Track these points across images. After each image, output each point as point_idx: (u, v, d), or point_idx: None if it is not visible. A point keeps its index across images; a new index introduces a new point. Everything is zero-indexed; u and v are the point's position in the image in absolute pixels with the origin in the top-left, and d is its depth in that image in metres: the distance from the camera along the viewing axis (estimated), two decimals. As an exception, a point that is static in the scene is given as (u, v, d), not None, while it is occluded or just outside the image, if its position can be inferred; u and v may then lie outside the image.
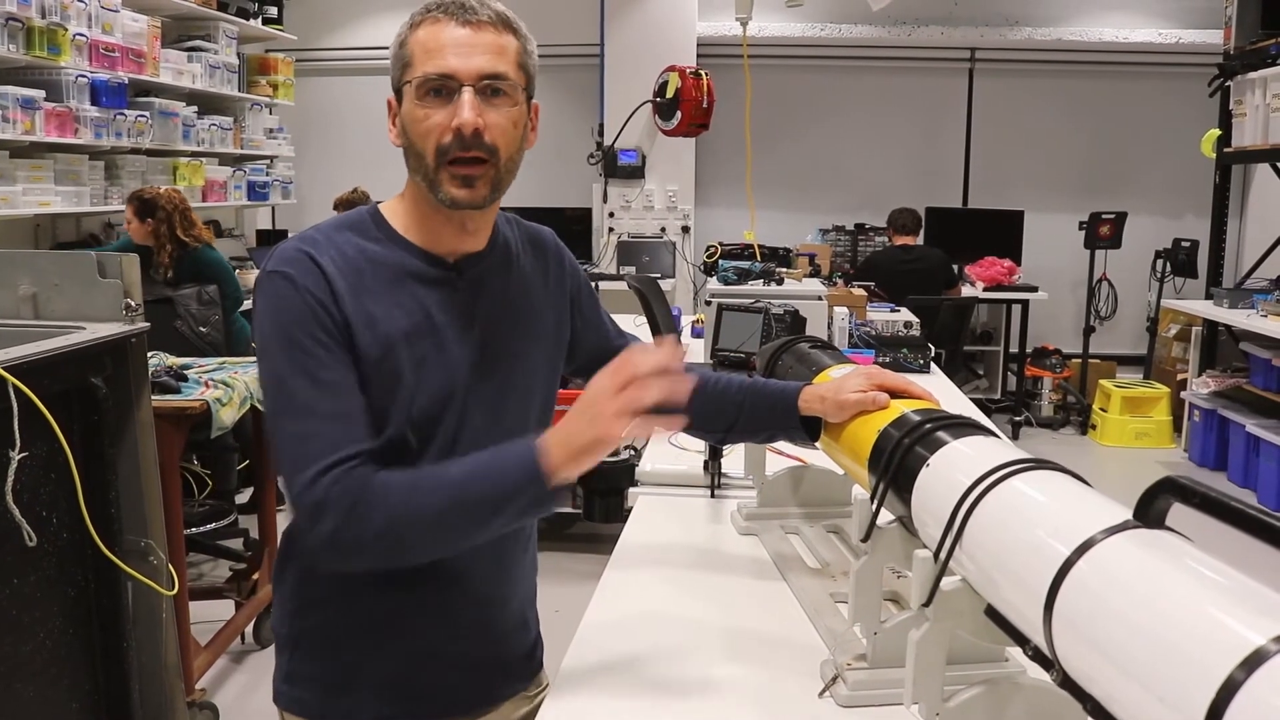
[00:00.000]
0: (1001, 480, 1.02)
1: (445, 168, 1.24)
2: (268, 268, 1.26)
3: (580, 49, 7.18)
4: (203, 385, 2.96)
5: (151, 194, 4.51)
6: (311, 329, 1.21)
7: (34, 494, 2.14)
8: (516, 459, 1.17)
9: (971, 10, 7.44)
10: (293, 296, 1.22)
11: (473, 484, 1.18)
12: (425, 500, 1.17)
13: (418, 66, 1.24)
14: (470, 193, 1.25)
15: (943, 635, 1.05)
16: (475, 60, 1.23)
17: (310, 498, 1.16)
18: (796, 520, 1.81)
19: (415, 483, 1.19)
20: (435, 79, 1.23)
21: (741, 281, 3.92)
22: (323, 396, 1.20)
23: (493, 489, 1.17)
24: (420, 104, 1.24)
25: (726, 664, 1.34)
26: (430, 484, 1.19)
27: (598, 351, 1.56)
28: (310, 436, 1.19)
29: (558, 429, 1.18)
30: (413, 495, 1.17)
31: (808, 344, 1.76)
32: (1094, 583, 0.83)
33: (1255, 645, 0.66)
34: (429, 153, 1.24)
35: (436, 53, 1.23)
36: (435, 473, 1.21)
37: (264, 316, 1.24)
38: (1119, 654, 0.77)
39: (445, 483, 1.18)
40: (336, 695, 1.38)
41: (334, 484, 1.16)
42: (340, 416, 1.20)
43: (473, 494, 1.17)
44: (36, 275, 2.40)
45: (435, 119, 1.23)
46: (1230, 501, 0.76)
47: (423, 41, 1.24)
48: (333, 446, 1.18)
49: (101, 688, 2.40)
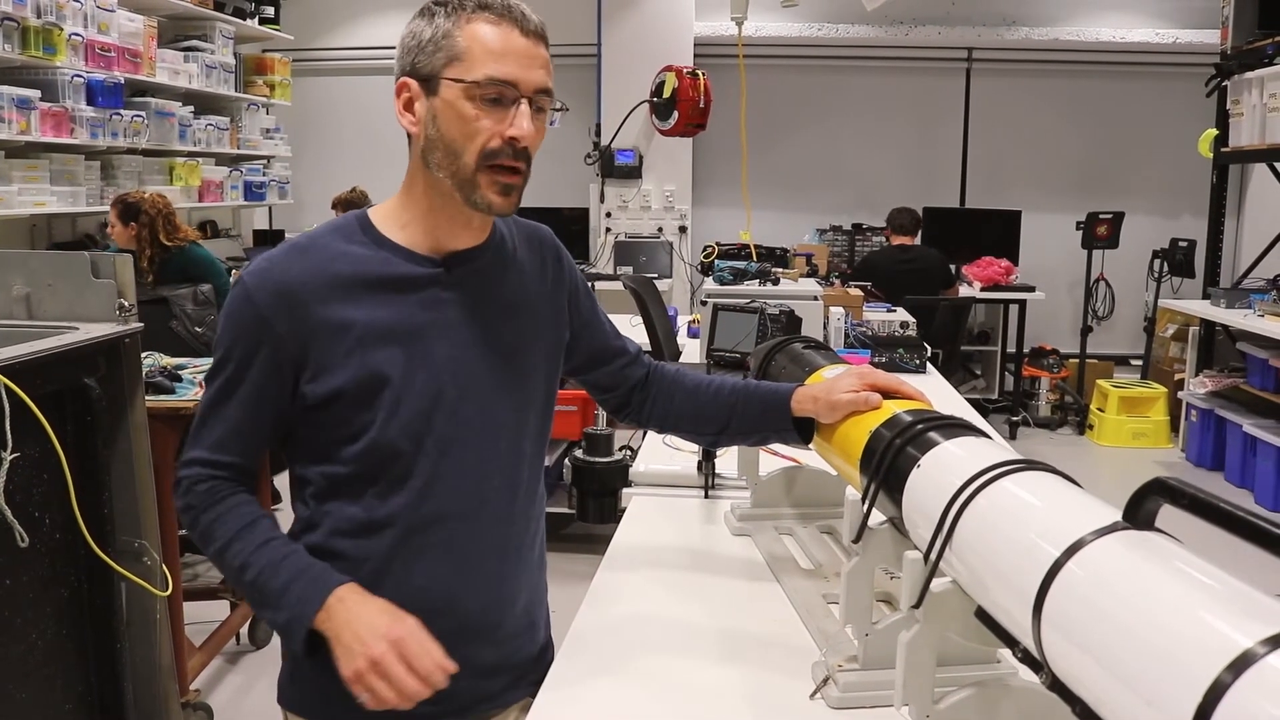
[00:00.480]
0: (992, 481, 1.02)
1: (486, 171, 1.26)
2: (241, 271, 1.33)
3: (577, 48, 7.17)
4: (197, 385, 2.95)
5: (135, 198, 4.52)
6: (245, 340, 1.28)
7: (27, 494, 2.13)
8: (302, 593, 1.24)
9: (969, 10, 7.44)
10: (243, 306, 1.29)
11: (259, 579, 1.26)
12: (228, 553, 1.29)
13: (477, 66, 1.23)
14: (506, 201, 1.29)
15: (933, 637, 1.05)
16: (536, 73, 1.26)
17: (180, 473, 1.33)
18: (790, 521, 1.80)
19: (235, 535, 1.29)
20: (500, 84, 1.23)
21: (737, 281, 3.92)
22: (226, 402, 1.31)
23: (267, 596, 1.26)
24: (473, 104, 1.24)
25: (718, 665, 1.34)
26: (242, 546, 1.29)
27: (596, 351, 1.56)
28: (205, 428, 1.32)
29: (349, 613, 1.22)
30: (226, 546, 1.29)
31: (801, 344, 1.75)
32: (1083, 584, 0.83)
33: (1243, 648, 0.66)
34: (471, 153, 1.25)
35: (503, 58, 1.23)
36: (258, 540, 1.29)
37: (221, 314, 1.34)
38: (1107, 656, 0.77)
39: (249, 557, 1.28)
40: (340, 695, 1.38)
41: (194, 481, 1.31)
42: (231, 423, 1.31)
43: (254, 584, 1.27)
44: (30, 275, 2.39)
45: (486, 122, 1.24)
46: (1219, 503, 0.76)
47: (484, 41, 1.24)
48: (213, 447, 1.31)
49: (95, 689, 2.39)
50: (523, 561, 1.44)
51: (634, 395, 1.59)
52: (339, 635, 1.20)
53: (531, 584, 1.47)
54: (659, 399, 1.58)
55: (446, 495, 1.33)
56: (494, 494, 1.37)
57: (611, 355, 1.57)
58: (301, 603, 1.22)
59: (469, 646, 1.38)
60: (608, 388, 1.59)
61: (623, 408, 1.60)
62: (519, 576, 1.43)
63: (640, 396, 1.59)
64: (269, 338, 1.27)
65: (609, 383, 1.59)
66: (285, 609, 1.24)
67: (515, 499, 1.41)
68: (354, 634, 1.19)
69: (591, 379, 1.58)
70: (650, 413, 1.59)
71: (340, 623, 1.20)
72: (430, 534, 1.32)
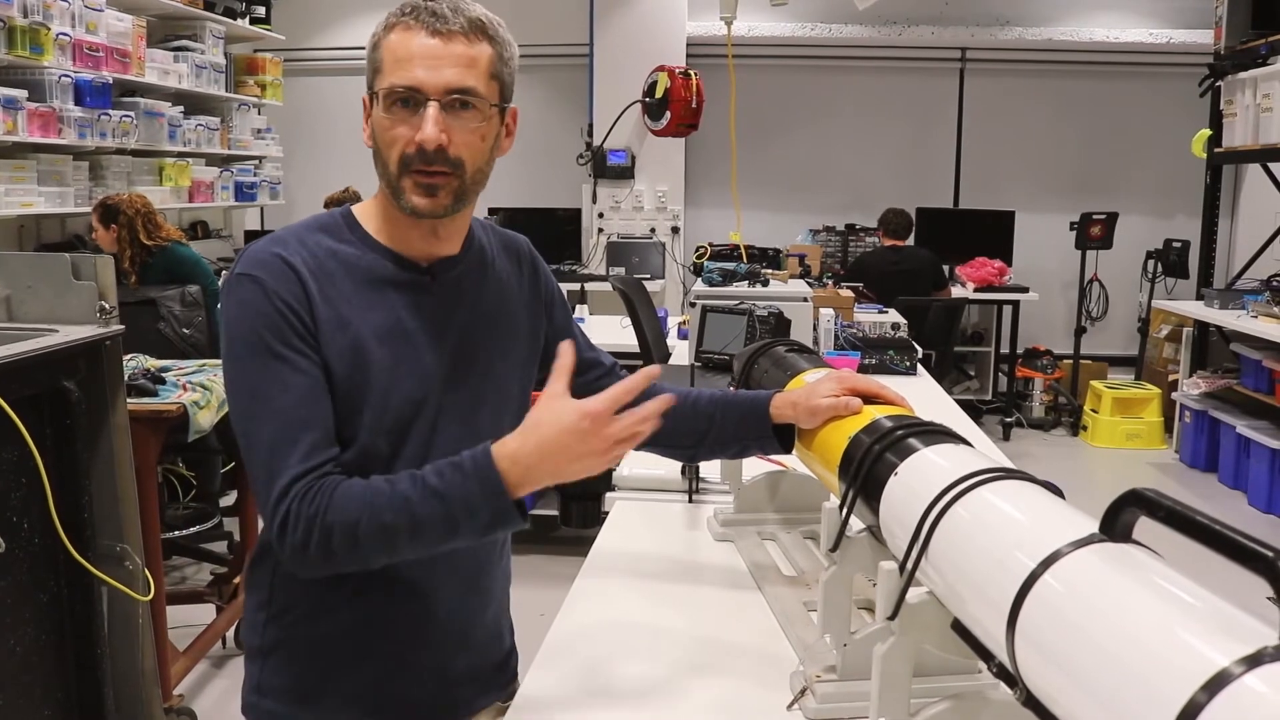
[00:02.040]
0: (969, 490, 1.00)
1: (408, 175, 1.23)
2: (236, 270, 1.25)
3: (569, 49, 7.15)
4: (180, 388, 2.93)
5: (114, 200, 4.50)
6: (283, 334, 1.21)
7: (5, 499, 2.12)
8: (478, 478, 1.14)
9: (962, 10, 7.43)
10: (262, 301, 1.21)
11: (429, 504, 1.15)
12: (385, 519, 1.15)
13: (386, 75, 1.23)
14: (432, 201, 1.24)
15: (908, 649, 1.03)
16: (443, 74, 1.21)
17: (282, 509, 1.16)
18: (773, 526, 1.78)
19: (372, 498, 1.16)
20: (401, 90, 1.21)
21: (726, 283, 3.90)
22: (294, 404, 1.19)
23: (453, 508, 1.15)
24: (387, 113, 1.23)
25: (695, 674, 1.32)
26: (386, 500, 1.16)
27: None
28: (281, 444, 1.18)
29: (537, 444, 1.15)
30: (372, 513, 1.15)
31: (784, 347, 1.73)
32: (1058, 598, 0.81)
33: (1219, 667, 0.64)
34: (393, 161, 1.24)
35: (405, 63, 1.21)
36: (397, 486, 1.17)
37: (233, 320, 1.23)
38: (1081, 673, 0.75)
39: (401, 501, 1.15)
40: (307, 706, 1.36)
41: (302, 495, 1.16)
42: (311, 425, 1.19)
43: (429, 515, 1.15)
44: (9, 277, 2.37)
45: (400, 129, 1.22)
46: (1196, 516, 0.74)
47: (393, 48, 1.23)
48: (303, 456, 1.17)
49: (75, 695, 2.37)
50: (492, 570, 1.43)
51: None
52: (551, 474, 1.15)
53: (500, 592, 1.46)
54: None
55: None
56: None
57: (586, 367, 1.54)
58: (488, 496, 1.14)
59: (440, 653, 1.37)
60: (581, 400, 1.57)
61: None
62: (489, 585, 1.42)
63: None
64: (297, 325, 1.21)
65: (582, 395, 1.56)
66: (481, 512, 1.15)
67: None
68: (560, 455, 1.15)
69: None
70: None
71: (541, 457, 1.15)
72: None
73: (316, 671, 1.35)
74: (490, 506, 1.14)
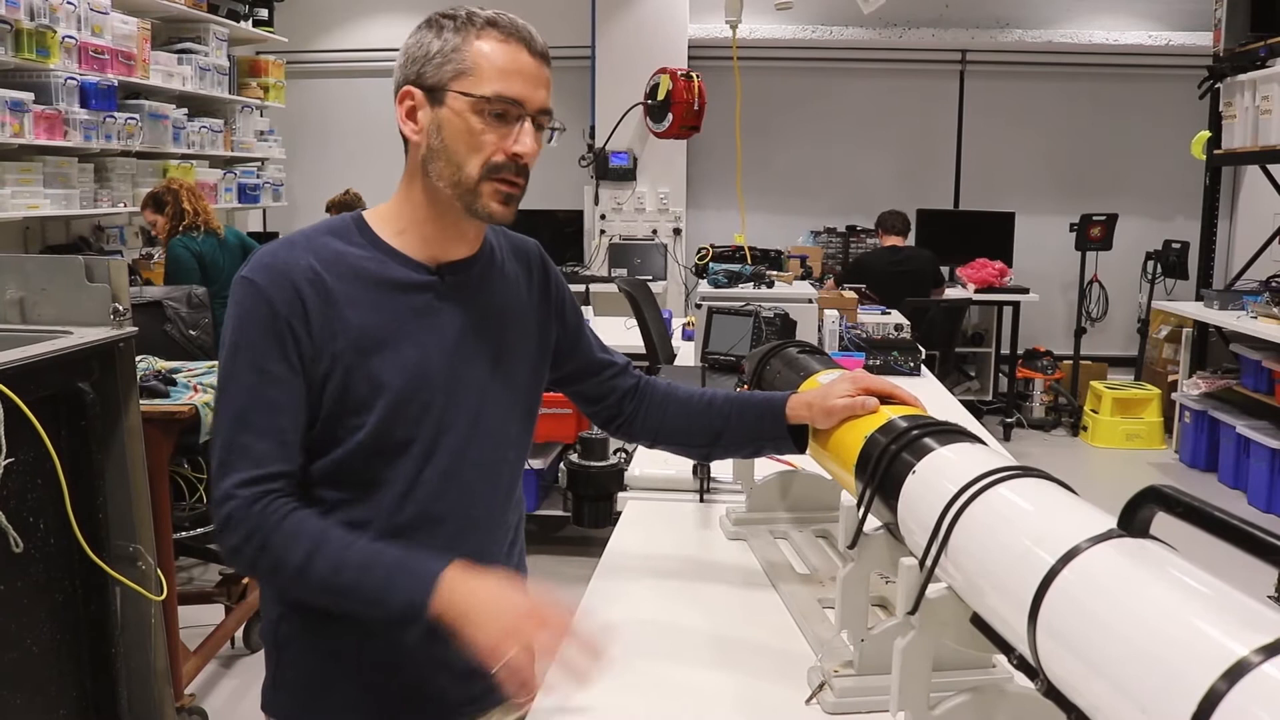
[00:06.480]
0: (987, 488, 1.02)
1: (491, 182, 1.28)
2: (242, 271, 1.29)
3: (571, 51, 7.17)
4: (191, 389, 2.94)
5: (157, 189, 4.78)
6: (266, 340, 1.25)
7: (21, 500, 2.13)
8: (409, 585, 1.19)
9: (962, 12, 7.46)
10: (256, 305, 1.25)
11: (362, 578, 1.20)
12: (315, 567, 1.21)
13: (485, 82, 1.26)
14: (506, 210, 1.31)
15: (928, 643, 1.05)
16: (540, 94, 1.29)
17: (224, 509, 1.22)
18: (785, 525, 1.80)
19: (317, 546, 1.21)
20: (507, 102, 1.26)
21: (731, 284, 3.92)
22: (260, 410, 1.24)
23: (375, 594, 1.20)
24: (480, 118, 1.26)
25: (714, 671, 1.34)
26: (326, 556, 1.21)
27: (583, 363, 1.57)
28: (238, 447, 1.23)
29: (468, 590, 1.18)
30: (308, 560, 1.21)
31: (796, 349, 1.75)
32: (1078, 592, 0.83)
33: (1238, 656, 0.66)
34: (475, 165, 1.27)
35: (511, 76, 1.27)
36: (338, 545, 1.22)
37: (229, 318, 1.28)
38: (1102, 663, 0.77)
39: (339, 563, 1.21)
40: (320, 700, 1.38)
41: (247, 504, 1.21)
42: (271, 433, 1.24)
43: (356, 588, 1.21)
44: (24, 279, 2.39)
45: (490, 136, 1.27)
46: (1214, 511, 0.76)
47: (492, 58, 1.26)
48: (255, 462, 1.23)
49: (89, 694, 2.39)
50: (498, 564, 1.43)
51: (625, 404, 1.59)
52: (467, 617, 1.18)
53: None
54: (651, 411, 1.58)
55: (427, 500, 1.33)
56: (475, 501, 1.38)
57: (599, 367, 1.57)
58: (411, 592, 1.19)
59: (449, 649, 1.39)
60: (596, 399, 1.59)
61: (614, 419, 1.60)
62: None
63: (632, 406, 1.58)
64: (284, 333, 1.25)
65: (596, 393, 1.59)
66: (395, 603, 1.20)
67: (495, 506, 1.42)
68: (483, 612, 1.17)
69: (579, 390, 1.59)
70: (642, 425, 1.59)
71: (463, 607, 1.18)
72: (409, 537, 1.31)
73: (327, 665, 1.37)
74: (406, 604, 1.19)
